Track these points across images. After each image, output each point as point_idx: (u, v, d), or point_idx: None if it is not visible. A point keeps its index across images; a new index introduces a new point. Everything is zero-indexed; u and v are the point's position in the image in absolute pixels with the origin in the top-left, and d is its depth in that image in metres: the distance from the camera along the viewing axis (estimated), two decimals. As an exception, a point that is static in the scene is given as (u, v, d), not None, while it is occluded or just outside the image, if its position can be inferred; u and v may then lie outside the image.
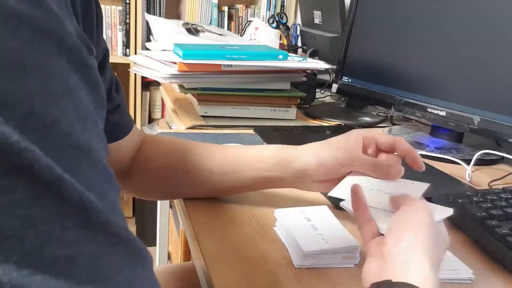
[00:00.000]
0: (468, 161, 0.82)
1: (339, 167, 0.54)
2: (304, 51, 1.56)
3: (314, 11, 1.48)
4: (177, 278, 0.82)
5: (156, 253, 1.46)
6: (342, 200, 0.50)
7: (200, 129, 0.96)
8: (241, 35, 1.79)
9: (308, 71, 1.15)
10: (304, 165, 0.55)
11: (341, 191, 0.51)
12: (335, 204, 0.62)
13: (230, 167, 0.58)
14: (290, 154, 0.57)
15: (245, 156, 0.59)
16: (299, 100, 1.09)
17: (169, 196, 0.63)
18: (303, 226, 0.53)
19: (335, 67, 1.15)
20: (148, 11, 2.26)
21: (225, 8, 2.49)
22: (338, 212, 0.58)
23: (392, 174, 0.51)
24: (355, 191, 0.48)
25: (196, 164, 0.59)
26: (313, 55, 1.46)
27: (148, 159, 0.62)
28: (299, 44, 1.67)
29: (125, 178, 0.62)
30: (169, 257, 1.52)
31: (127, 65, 1.95)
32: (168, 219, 1.46)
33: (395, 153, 0.54)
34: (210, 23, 2.41)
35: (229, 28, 2.50)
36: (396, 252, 0.39)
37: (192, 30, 1.36)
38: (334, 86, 1.14)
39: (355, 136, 0.55)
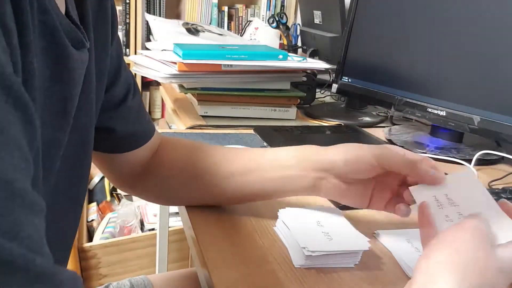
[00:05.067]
0: (468, 161, 0.82)
1: (374, 163, 0.49)
2: (304, 51, 1.57)
3: (314, 11, 1.48)
4: (177, 286, 0.82)
5: (156, 255, 1.45)
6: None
7: (200, 129, 0.96)
8: (241, 35, 1.79)
9: (308, 71, 1.15)
10: (329, 159, 0.51)
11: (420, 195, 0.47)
12: (339, 205, 0.62)
13: (251, 168, 0.55)
14: (314, 150, 0.53)
15: (266, 156, 0.56)
16: (299, 100, 1.09)
17: (189, 200, 0.60)
18: (307, 226, 0.52)
19: (335, 67, 1.15)
20: (148, 11, 2.26)
21: (225, 8, 2.49)
22: (347, 213, 0.57)
23: (432, 178, 0.47)
24: (423, 209, 0.45)
25: (216, 166, 0.56)
26: (313, 55, 1.46)
27: (167, 161, 0.60)
28: (299, 44, 1.67)
29: (142, 182, 0.61)
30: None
31: (127, 65, 1.94)
32: (168, 221, 1.46)
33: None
34: (210, 23, 2.41)
35: (229, 28, 2.50)
36: (420, 269, 0.36)
37: (192, 30, 1.36)
38: (334, 86, 1.14)
39: (389, 145, 0.52)
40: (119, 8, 2.19)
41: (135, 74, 1.22)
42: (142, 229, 1.60)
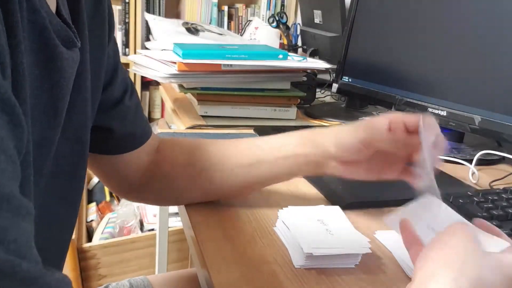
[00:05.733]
0: (469, 161, 0.82)
1: (359, 146, 0.52)
2: (304, 50, 1.56)
3: (314, 11, 1.48)
4: (177, 286, 0.82)
5: (156, 255, 1.45)
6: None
7: (200, 129, 0.96)
8: (241, 35, 1.79)
9: (308, 71, 1.15)
10: (322, 145, 0.54)
11: (396, 223, 0.47)
12: (339, 204, 0.62)
13: (256, 158, 0.57)
14: (312, 136, 0.56)
15: (270, 145, 0.57)
16: (299, 100, 1.09)
17: (193, 198, 0.60)
18: (307, 226, 0.52)
19: (335, 66, 1.15)
20: (148, 11, 2.26)
21: (225, 8, 2.49)
22: (347, 213, 0.57)
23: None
24: (405, 227, 0.45)
25: (221, 158, 0.57)
26: (313, 54, 1.46)
27: (172, 160, 0.60)
28: (299, 43, 1.66)
29: (144, 186, 0.60)
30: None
31: (126, 65, 1.94)
32: (168, 221, 1.45)
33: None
34: (210, 23, 2.41)
35: (229, 28, 2.50)
36: (419, 268, 0.36)
37: (192, 30, 1.36)
38: (335, 86, 1.14)
39: (380, 119, 0.53)
40: (118, 7, 2.19)
41: (135, 74, 1.22)
42: (141, 229, 1.60)
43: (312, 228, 0.52)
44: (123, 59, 2.12)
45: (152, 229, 1.56)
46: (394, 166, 0.55)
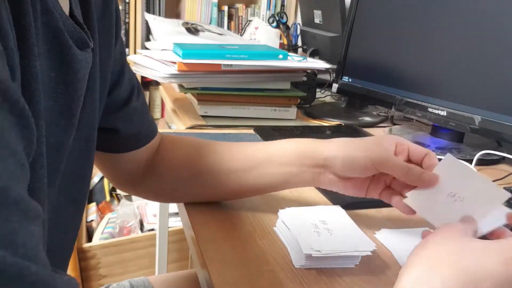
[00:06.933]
0: (469, 161, 0.82)
1: (370, 166, 0.50)
2: (304, 50, 1.56)
3: (314, 11, 1.48)
4: (177, 287, 0.82)
5: (156, 255, 1.45)
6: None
7: (200, 129, 0.96)
8: (241, 35, 1.79)
9: (308, 71, 1.15)
10: (327, 156, 0.52)
11: (414, 202, 0.50)
12: (340, 204, 0.62)
13: (252, 164, 0.56)
14: (313, 146, 0.54)
15: (266, 152, 0.56)
16: (299, 100, 1.09)
17: (191, 197, 0.61)
18: (307, 226, 0.52)
19: (335, 66, 1.15)
20: (148, 10, 2.26)
21: (225, 8, 2.49)
22: (349, 212, 0.57)
23: (425, 182, 0.49)
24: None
25: (217, 163, 0.57)
26: (313, 54, 1.46)
27: (169, 160, 0.61)
28: (299, 43, 1.66)
29: (143, 181, 0.61)
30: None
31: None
32: (168, 221, 1.45)
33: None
34: (210, 23, 2.41)
35: (229, 28, 2.50)
36: (407, 271, 0.36)
37: (192, 30, 1.36)
38: (335, 86, 1.14)
39: (388, 140, 0.52)
40: (118, 7, 2.19)
41: (135, 74, 1.22)
42: (141, 229, 1.60)
43: (313, 228, 0.52)
44: (123, 59, 2.13)
45: (152, 229, 1.56)
46: (376, 186, 0.54)
